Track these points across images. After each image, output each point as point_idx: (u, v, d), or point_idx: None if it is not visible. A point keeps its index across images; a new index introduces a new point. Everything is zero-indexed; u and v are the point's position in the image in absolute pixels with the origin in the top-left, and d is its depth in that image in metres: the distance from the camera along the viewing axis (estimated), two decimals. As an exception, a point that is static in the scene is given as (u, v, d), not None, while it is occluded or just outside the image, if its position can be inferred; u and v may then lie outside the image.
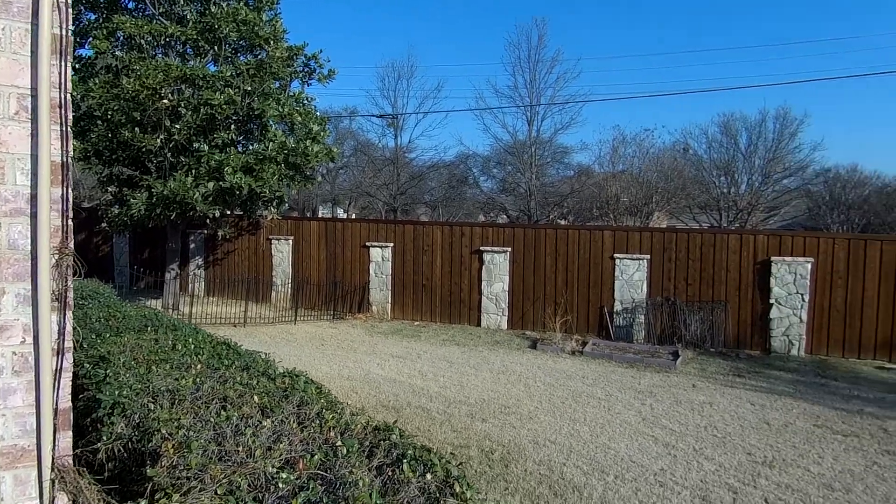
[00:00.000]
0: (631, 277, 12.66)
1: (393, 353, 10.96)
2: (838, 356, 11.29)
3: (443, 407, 7.51)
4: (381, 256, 14.96)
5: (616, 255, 12.78)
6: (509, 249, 13.69)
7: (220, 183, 12.90)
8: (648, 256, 12.54)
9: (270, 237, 16.38)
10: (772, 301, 11.66)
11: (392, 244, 14.85)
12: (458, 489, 2.12)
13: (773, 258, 11.66)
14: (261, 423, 2.72)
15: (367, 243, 15.09)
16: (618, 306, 12.76)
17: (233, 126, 13.71)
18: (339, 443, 2.44)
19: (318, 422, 2.74)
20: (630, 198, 26.83)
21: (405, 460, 2.27)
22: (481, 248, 13.95)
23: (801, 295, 11.47)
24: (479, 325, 13.98)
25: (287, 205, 19.52)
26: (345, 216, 39.13)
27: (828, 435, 7.01)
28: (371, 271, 15.04)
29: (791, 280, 11.54)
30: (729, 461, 6.03)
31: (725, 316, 11.97)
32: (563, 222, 29.11)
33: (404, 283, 14.77)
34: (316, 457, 2.31)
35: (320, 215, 37.87)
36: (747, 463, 6.01)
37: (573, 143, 63.13)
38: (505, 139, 28.42)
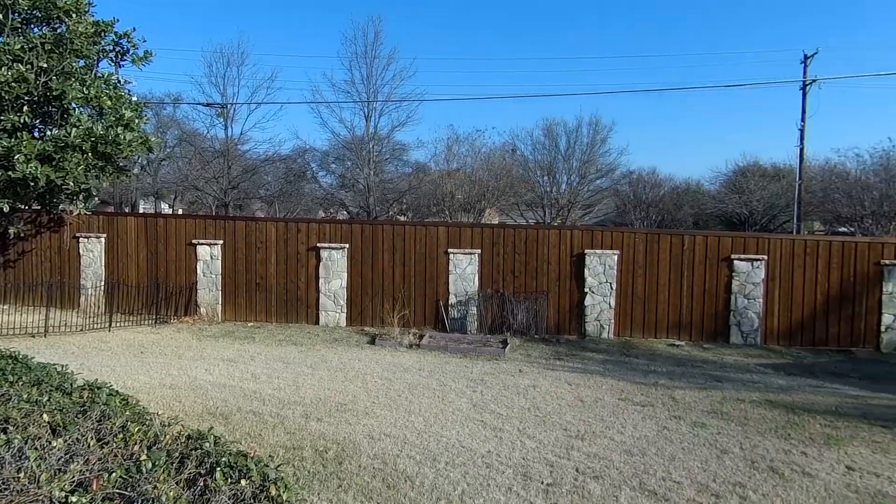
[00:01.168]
0: (464, 271, 13.24)
1: (223, 357, 10.36)
2: (639, 337, 12.83)
3: (276, 409, 7.26)
4: (209, 255, 14.04)
5: (450, 250, 13.28)
6: (347, 246, 13.61)
7: (10, 172, 11.21)
8: (479, 251, 13.21)
9: (78, 235, 14.58)
10: (586, 290, 12.92)
11: (222, 241, 14.01)
12: (273, 492, 2.08)
13: (586, 251, 12.91)
14: (50, 443, 2.42)
15: (195, 241, 14.07)
16: (452, 299, 13.28)
17: (25, 108, 11.96)
18: (143, 457, 2.26)
19: (121, 436, 2.51)
20: (464, 195, 28.03)
21: (218, 468, 2.17)
22: (318, 244, 13.69)
23: (610, 284, 12.85)
24: (317, 323, 13.72)
25: (98, 199, 17.50)
26: (170, 212, 36.07)
27: (629, 407, 7.94)
28: (199, 271, 14.05)
29: (602, 271, 12.87)
30: (548, 438, 6.58)
31: (547, 305, 13.02)
32: (402, 218, 29.57)
33: (236, 282, 14.01)
34: (115, 474, 2.12)
35: (141, 211, 34.50)
36: (563, 438, 6.60)
37: (410, 140, 64.35)
38: (343, 134, 28.15)
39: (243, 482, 2.12)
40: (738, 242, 12.79)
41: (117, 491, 2.04)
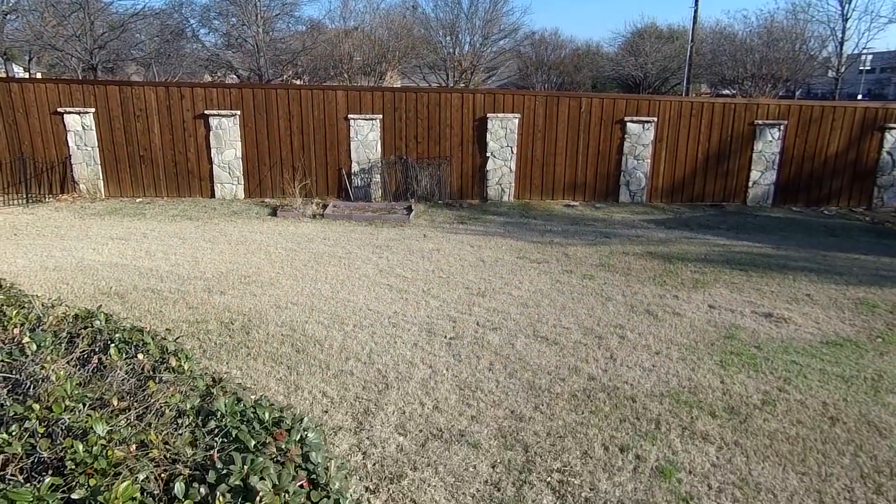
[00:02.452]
0: (366, 138, 12.90)
1: (112, 236, 9.78)
2: (538, 199, 13.37)
3: (176, 286, 7.09)
4: (81, 125, 12.67)
5: (350, 116, 12.79)
6: (239, 113, 12.72)
7: None
8: (381, 116, 12.82)
9: (-88, 104, 12.57)
10: (488, 154, 13.06)
11: (94, 110, 12.62)
12: (174, 363, 2.08)
13: (488, 115, 12.88)
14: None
15: (61, 109, 12.57)
16: (355, 167, 13.03)
17: None
18: (26, 340, 2.16)
19: (-3, 321, 2.37)
20: (363, 57, 26.53)
21: (112, 345, 2.12)
22: (206, 111, 12.69)
23: (511, 148, 13.04)
24: (213, 196, 13.11)
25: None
26: (26, 76, 31.70)
27: (527, 264, 8.45)
28: (71, 143, 12.73)
29: (503, 135, 12.98)
30: (451, 297, 6.94)
31: (450, 170, 13.11)
32: (298, 82, 27.78)
33: (117, 155, 12.89)
34: (-5, 359, 2.03)
35: (-11, 75, 30.00)
36: (465, 296, 6.99)
37: (303, -7, 58.72)
38: (224, -15, 25.18)
39: (141, 356, 2.09)
40: (631, 105, 13.21)
41: (1, 374, 1.96)
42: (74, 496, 1.74)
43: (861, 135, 13.24)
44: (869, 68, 45.31)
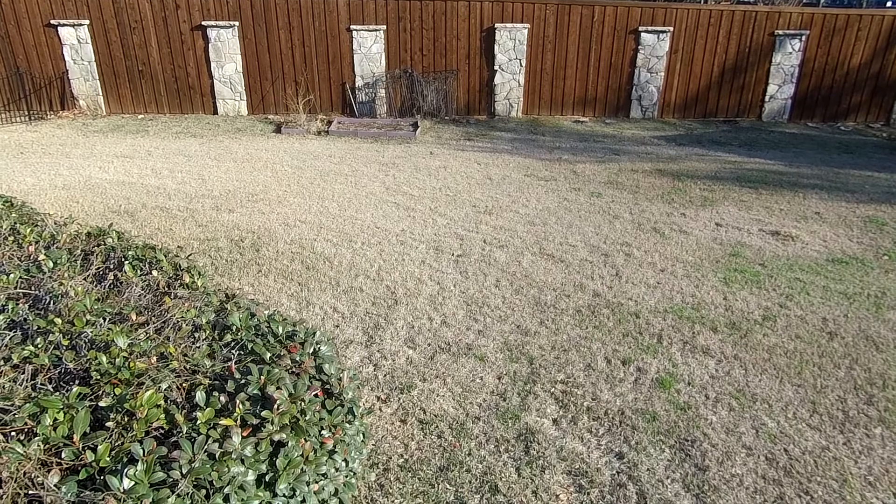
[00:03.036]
0: (369, 50, 12.46)
1: (117, 153, 9.72)
2: (547, 114, 13.06)
3: (184, 203, 7.12)
4: (76, 37, 12.28)
5: (353, 27, 12.30)
6: (237, 24, 12.25)
7: None
8: (385, 27, 12.33)
9: None
10: (496, 68, 12.64)
11: (88, 22, 12.18)
12: (187, 279, 2.12)
13: (496, 25, 12.35)
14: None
15: (54, 21, 12.14)
16: (359, 82, 12.68)
17: None
18: (42, 257, 2.20)
19: (12, 239, 2.41)
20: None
21: (126, 262, 2.16)
22: (203, 22, 12.23)
23: (520, 60, 12.60)
24: (215, 112, 12.88)
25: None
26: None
27: (534, 182, 8.39)
28: (67, 57, 12.39)
29: (511, 46, 12.50)
30: (458, 215, 6.95)
31: (457, 85, 12.75)
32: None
33: (115, 70, 12.56)
34: (13, 276, 2.08)
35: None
36: (472, 214, 7.00)
37: None
38: None
39: (155, 273, 2.14)
40: (646, 13, 12.59)
41: (21, 291, 2.01)
42: (102, 404, 1.83)
43: (887, 46, 12.66)
44: (901, -28, 42.66)
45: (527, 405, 3.66)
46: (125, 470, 1.62)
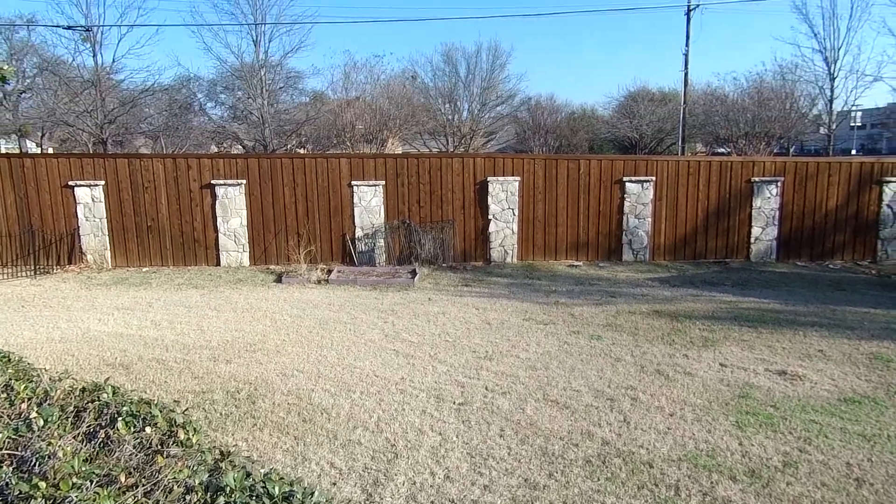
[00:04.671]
0: (369, 203, 13.09)
1: (118, 306, 9.78)
2: (541, 260, 13.42)
3: (181, 355, 7.03)
4: (90, 197, 12.92)
5: (354, 183, 13.03)
6: (244, 181, 12.98)
7: None
8: (383, 182, 13.06)
9: (-74, 181, 12.87)
10: (490, 217, 13.21)
11: (103, 182, 12.90)
12: (182, 436, 2.03)
13: (489, 178, 13.11)
14: (-78, 411, 2.22)
15: (71, 182, 12.86)
16: (359, 233, 13.16)
17: None
18: (34, 415, 2.13)
19: (5, 396, 2.34)
20: (365, 125, 27.29)
21: (120, 418, 2.09)
22: (213, 181, 12.96)
23: (512, 210, 13.20)
24: (218, 264, 13.20)
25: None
26: (38, 150, 32.57)
27: (533, 326, 8.39)
28: (80, 215, 12.94)
29: (504, 197, 13.17)
30: (458, 361, 6.86)
31: (454, 233, 13.23)
32: (301, 151, 28.46)
33: (125, 225, 13.07)
34: (2, 435, 1.99)
35: (3, 151, 30.89)
36: (473, 360, 6.91)
37: (305, 67, 61.09)
38: (230, 61, 26.24)
39: (148, 429, 2.06)
40: (629, 165, 13.46)
41: (7, 452, 1.92)
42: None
43: (859, 189, 13.40)
44: (860, 124, 46.41)
45: (541, 571, 3.33)
46: None
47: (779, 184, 13.33)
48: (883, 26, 26.75)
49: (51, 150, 32.48)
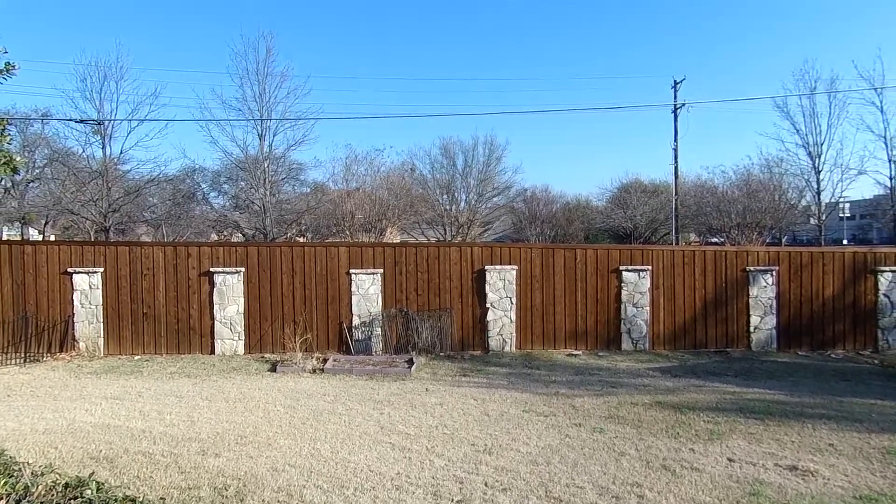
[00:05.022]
0: (367, 291, 13.09)
1: (107, 395, 9.52)
2: (540, 348, 13.26)
3: (168, 448, 6.77)
4: (88, 284, 12.92)
5: (352, 271, 13.10)
6: (243, 269, 13.04)
7: None
8: (382, 270, 13.14)
9: (-74, 267, 12.90)
10: (488, 305, 13.18)
11: (102, 269, 12.95)
12: (168, 539, 1.92)
13: (486, 267, 13.21)
14: None
15: (70, 269, 12.91)
16: (356, 320, 13.07)
17: None
18: (12, 514, 2.01)
19: (-17, 493, 2.22)
20: (364, 215, 27.83)
21: (103, 518, 1.98)
22: (212, 269, 13.02)
23: (510, 298, 13.20)
24: (213, 352, 13.00)
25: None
26: (40, 238, 32.92)
27: (533, 418, 8.15)
28: (76, 302, 12.89)
29: (502, 286, 13.21)
30: (456, 454, 6.60)
31: (451, 322, 13.15)
32: (301, 240, 28.82)
33: (120, 312, 12.99)
34: (-24, 538, 1.87)
35: (5, 237, 31.23)
36: (471, 453, 6.65)
37: (307, 159, 63.08)
38: (235, 154, 27.08)
39: (133, 531, 1.94)
40: (625, 254, 13.61)
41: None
42: None
43: (854, 278, 13.50)
44: (849, 215, 47.45)
45: None
46: None
47: (774, 273, 13.44)
48: (862, 123, 28.13)
49: (53, 238, 32.84)
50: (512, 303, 13.21)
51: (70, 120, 25.41)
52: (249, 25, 74.57)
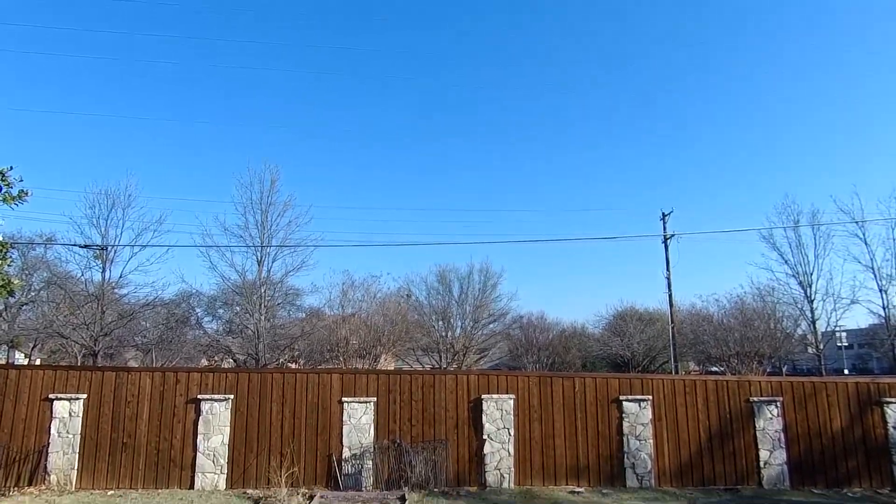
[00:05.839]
0: (359, 421, 12.59)
1: (71, 536, 8.78)
2: (540, 484, 12.51)
3: None
4: (68, 411, 12.40)
5: (344, 399, 12.68)
6: (232, 397, 12.61)
7: None
8: (375, 399, 12.72)
9: None
10: (485, 437, 12.63)
11: (85, 395, 12.50)
12: None
13: (483, 396, 12.83)
14: None
15: (52, 395, 12.45)
16: (346, 452, 12.44)
17: None
18: None
19: None
20: (359, 340, 27.51)
21: None
22: (199, 396, 12.58)
23: (508, 429, 12.68)
24: (192, 487, 12.19)
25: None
26: (25, 362, 32.20)
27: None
28: (53, 430, 12.29)
29: (499, 416, 12.74)
30: None
31: (446, 454, 12.51)
32: (293, 365, 28.25)
33: (98, 442, 12.34)
34: None
35: (-11, 362, 30.49)
36: None
37: (304, 285, 63.66)
38: (233, 278, 27.28)
39: None
40: (624, 383, 13.30)
41: None
42: None
43: (860, 410, 13.12)
44: (846, 344, 47.19)
45: None
46: None
47: (778, 404, 13.07)
48: (848, 254, 28.82)
49: (38, 362, 32.11)
50: (510, 434, 12.67)
51: (74, 245, 25.83)
52: (255, 157, 78.63)
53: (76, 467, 12.18)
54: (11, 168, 12.08)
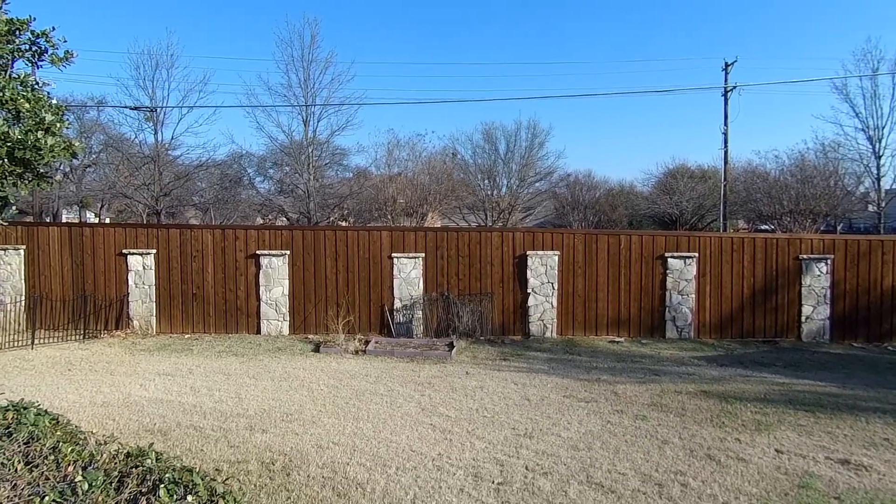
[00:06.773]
0: (409, 275, 13.20)
1: (159, 371, 9.92)
2: (581, 335, 13.15)
3: (218, 423, 7.02)
4: (141, 265, 13.43)
5: (394, 255, 13.22)
6: (288, 252, 13.32)
7: (-84, 182, 10.33)
8: (423, 255, 13.21)
9: (-7, 247, 13.64)
10: (529, 291, 13.12)
11: (155, 251, 13.43)
12: (223, 506, 2.00)
13: (528, 252, 13.13)
14: (-27, 469, 2.25)
15: (125, 251, 13.43)
16: (398, 304, 13.21)
17: (-68, 112, 11.07)
18: (79, 478, 2.13)
19: (52, 458, 2.36)
20: (406, 199, 27.95)
21: (162, 485, 2.07)
22: (258, 251, 13.34)
23: (552, 284, 13.11)
24: (258, 332, 13.36)
25: (16, 208, 16.43)
26: (96, 221, 34.33)
27: (574, 403, 8.11)
28: (131, 282, 13.42)
29: (543, 271, 13.12)
30: (496, 437, 6.64)
31: (492, 306, 13.15)
32: (343, 224, 29.21)
33: (171, 293, 13.47)
34: (47, 499, 1.99)
35: (64, 220, 32.66)
36: (512, 437, 6.68)
37: (350, 144, 63.76)
38: (280, 139, 27.53)
39: (190, 498, 2.03)
40: (671, 241, 13.32)
41: (52, 516, 1.91)
42: None
43: (915, 268, 12.88)
44: (910, 203, 45.03)
45: None
46: None
47: (828, 262, 12.93)
48: (927, 105, 26.29)
49: (108, 221, 34.20)
50: (553, 288, 13.11)
51: (125, 107, 26.25)
52: (295, 12, 75.36)
53: (154, 314, 13.44)
54: (54, 28, 11.95)
